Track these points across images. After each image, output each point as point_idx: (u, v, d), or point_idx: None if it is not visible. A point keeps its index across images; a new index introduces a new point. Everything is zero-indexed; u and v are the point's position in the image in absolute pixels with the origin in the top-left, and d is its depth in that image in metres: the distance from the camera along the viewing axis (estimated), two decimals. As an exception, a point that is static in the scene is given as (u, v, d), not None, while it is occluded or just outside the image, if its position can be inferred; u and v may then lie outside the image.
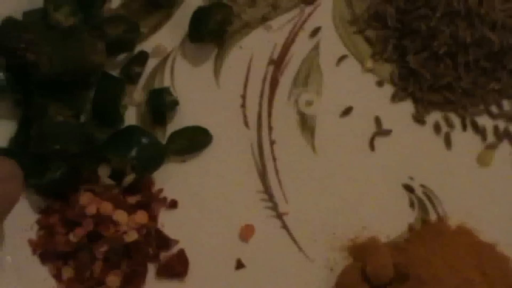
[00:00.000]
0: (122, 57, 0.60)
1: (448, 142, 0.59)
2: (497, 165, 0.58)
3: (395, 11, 0.61)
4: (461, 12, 0.58)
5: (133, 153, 0.54)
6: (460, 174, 0.58)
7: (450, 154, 0.59)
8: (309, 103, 0.59)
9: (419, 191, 0.58)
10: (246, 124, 0.59)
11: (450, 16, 0.59)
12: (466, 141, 0.59)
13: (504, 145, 0.59)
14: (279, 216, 0.57)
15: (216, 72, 0.60)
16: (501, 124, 0.59)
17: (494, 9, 0.59)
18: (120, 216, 0.54)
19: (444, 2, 0.59)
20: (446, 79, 0.59)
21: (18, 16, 0.57)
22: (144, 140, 0.55)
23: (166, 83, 0.59)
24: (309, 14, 0.62)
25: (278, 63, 0.60)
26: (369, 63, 0.61)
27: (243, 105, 0.59)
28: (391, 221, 0.57)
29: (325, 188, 0.57)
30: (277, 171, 0.58)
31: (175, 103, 0.58)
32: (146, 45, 0.60)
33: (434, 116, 0.60)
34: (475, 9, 0.58)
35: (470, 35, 0.58)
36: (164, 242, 0.56)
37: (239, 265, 0.55)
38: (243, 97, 0.59)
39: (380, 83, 0.60)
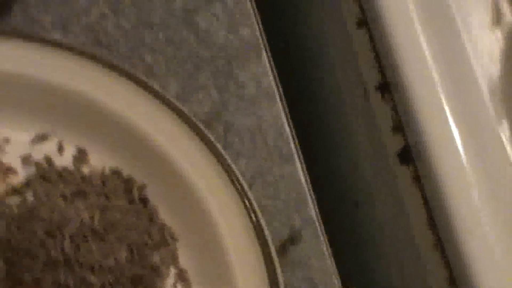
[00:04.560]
0: None
1: None
2: None
3: (4, 263, 0.63)
4: (59, 259, 0.62)
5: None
6: None
7: None
8: None
9: None
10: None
11: (51, 264, 0.62)
12: None
13: None
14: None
15: None
16: None
17: (91, 252, 0.63)
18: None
19: (44, 252, 0.62)
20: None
21: None
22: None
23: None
24: None
25: None
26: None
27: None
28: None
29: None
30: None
31: None
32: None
33: None
34: (72, 255, 0.62)
35: (71, 279, 0.62)
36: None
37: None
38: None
39: None
